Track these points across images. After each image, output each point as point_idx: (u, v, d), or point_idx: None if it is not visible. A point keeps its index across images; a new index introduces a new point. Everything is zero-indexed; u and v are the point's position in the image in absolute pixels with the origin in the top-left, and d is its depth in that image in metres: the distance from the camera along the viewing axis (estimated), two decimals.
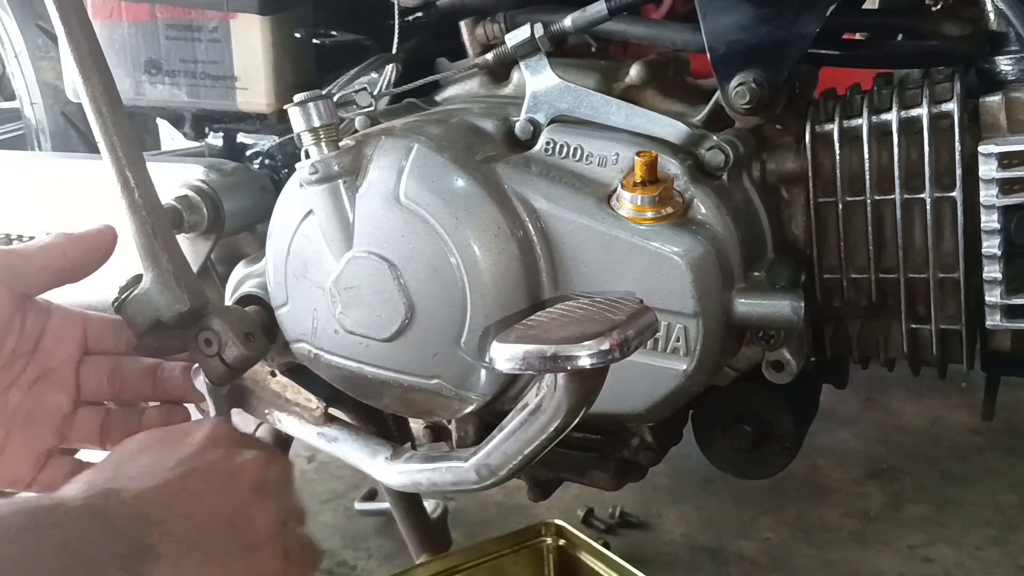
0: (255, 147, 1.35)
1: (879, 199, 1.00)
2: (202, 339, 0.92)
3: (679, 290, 0.92)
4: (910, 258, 1.00)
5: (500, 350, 0.73)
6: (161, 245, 0.87)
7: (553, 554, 1.35)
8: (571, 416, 0.78)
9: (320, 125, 0.97)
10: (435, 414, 1.06)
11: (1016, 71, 0.97)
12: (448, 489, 0.99)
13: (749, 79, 0.97)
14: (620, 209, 0.94)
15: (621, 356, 0.71)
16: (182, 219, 1.17)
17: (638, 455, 1.18)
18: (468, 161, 0.98)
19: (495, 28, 1.17)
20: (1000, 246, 0.93)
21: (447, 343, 0.98)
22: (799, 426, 1.18)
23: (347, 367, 1.04)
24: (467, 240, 0.95)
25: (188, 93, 1.32)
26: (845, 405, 2.19)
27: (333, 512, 1.92)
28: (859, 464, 1.99)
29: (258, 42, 1.25)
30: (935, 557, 1.68)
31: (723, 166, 0.98)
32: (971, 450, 2.02)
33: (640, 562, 1.35)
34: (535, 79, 1.04)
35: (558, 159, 1.00)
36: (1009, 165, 0.91)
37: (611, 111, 1.02)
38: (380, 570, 1.72)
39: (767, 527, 1.79)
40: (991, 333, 1.01)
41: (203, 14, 1.27)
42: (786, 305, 0.94)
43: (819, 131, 1.01)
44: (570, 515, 1.77)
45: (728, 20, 0.99)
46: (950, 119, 0.95)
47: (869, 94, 1.02)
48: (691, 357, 0.93)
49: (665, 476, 1.91)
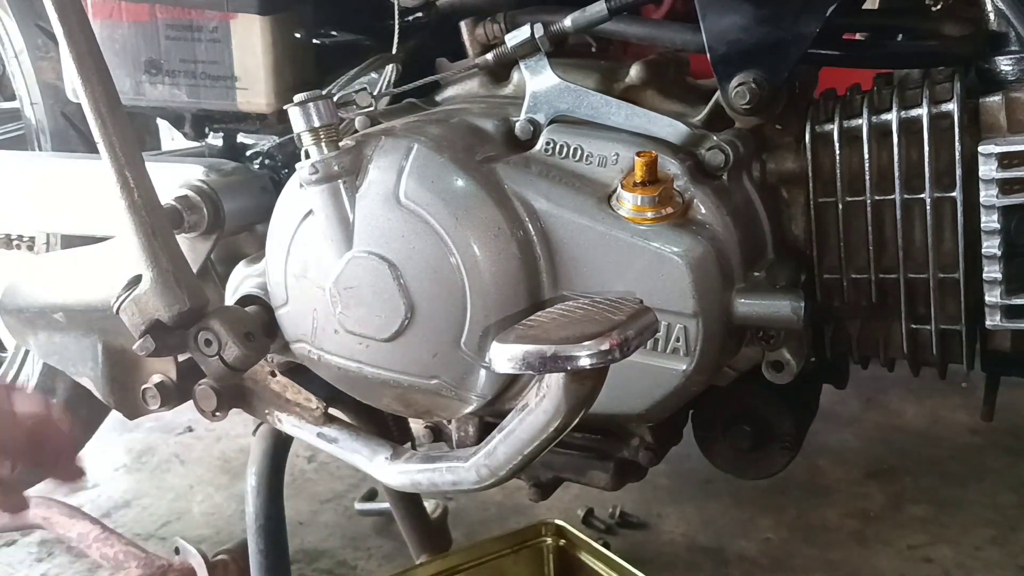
0: (255, 147, 1.35)
1: (879, 199, 0.99)
2: (202, 339, 0.93)
3: (679, 290, 0.92)
4: (910, 258, 1.00)
5: (500, 350, 0.73)
6: (160, 245, 0.87)
7: (553, 554, 1.35)
8: (571, 416, 0.78)
9: (320, 125, 0.97)
10: (435, 414, 1.06)
11: (1016, 71, 0.97)
12: (448, 489, 0.99)
13: (749, 79, 0.97)
14: (620, 209, 0.94)
15: (621, 356, 0.71)
16: (182, 219, 1.17)
17: (638, 455, 1.18)
18: (468, 161, 0.98)
19: (495, 28, 1.17)
20: (1000, 246, 0.93)
21: (447, 343, 0.98)
22: (799, 426, 1.18)
23: (347, 367, 1.04)
24: (467, 240, 0.95)
25: (188, 93, 1.32)
26: (845, 405, 2.19)
27: (333, 512, 1.91)
28: (859, 464, 1.99)
29: (258, 42, 1.25)
30: (935, 557, 1.68)
31: (723, 166, 0.98)
32: (971, 450, 2.02)
33: (640, 562, 1.35)
34: (535, 79, 1.04)
35: (558, 159, 1.00)
36: (1009, 165, 0.91)
37: (611, 111, 1.02)
38: (380, 570, 1.72)
39: (767, 527, 1.79)
40: (991, 333, 1.01)
41: (203, 14, 1.27)
42: (786, 305, 0.94)
43: (819, 131, 1.01)
44: (570, 515, 1.77)
45: (728, 20, 0.99)
46: (950, 119, 0.95)
47: (869, 94, 1.02)
48: (691, 357, 0.93)
49: (665, 476, 1.91)
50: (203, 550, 1.48)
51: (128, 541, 1.61)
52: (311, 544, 1.80)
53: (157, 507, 1.91)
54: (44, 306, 1.34)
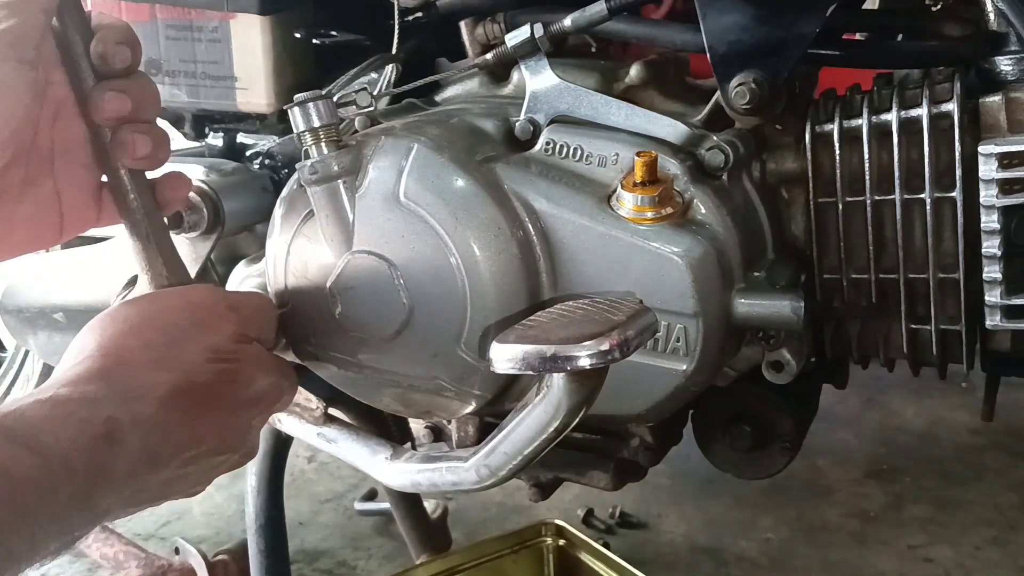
0: (255, 147, 1.35)
1: (879, 199, 0.99)
2: None
3: (679, 290, 0.92)
4: (910, 258, 1.00)
5: (500, 351, 0.73)
6: (156, 248, 0.87)
7: (553, 554, 1.35)
8: (571, 416, 0.78)
9: (320, 125, 0.96)
10: (435, 414, 1.06)
11: (1016, 71, 0.97)
12: (448, 489, 0.99)
13: (749, 79, 0.97)
14: (620, 209, 0.94)
15: (621, 356, 0.71)
16: (182, 219, 1.17)
17: (638, 455, 1.18)
18: (468, 161, 0.98)
19: (495, 28, 1.17)
20: (1000, 246, 0.93)
21: (447, 343, 0.97)
22: (799, 426, 1.18)
23: (347, 367, 1.04)
24: (467, 240, 0.95)
25: (188, 93, 1.32)
26: (845, 405, 2.19)
27: (333, 512, 1.92)
28: (859, 464, 2.00)
29: (258, 42, 1.25)
30: (935, 557, 1.68)
31: (723, 166, 0.98)
32: (971, 450, 2.02)
33: (640, 562, 1.35)
34: (535, 79, 1.04)
35: (558, 159, 1.00)
36: (1009, 165, 0.91)
37: (611, 111, 1.02)
38: (380, 570, 1.72)
39: (767, 527, 1.79)
40: (991, 333, 1.01)
41: (203, 14, 1.27)
42: (786, 305, 0.94)
43: (819, 131, 1.01)
44: (570, 515, 1.78)
45: (728, 20, 0.99)
46: (950, 119, 0.95)
47: (869, 94, 1.02)
48: (691, 357, 0.93)
49: (665, 476, 1.92)
50: (203, 550, 1.49)
51: (128, 541, 1.61)
52: (311, 544, 1.80)
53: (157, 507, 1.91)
54: (44, 306, 1.34)
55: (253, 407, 0.80)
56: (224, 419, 0.77)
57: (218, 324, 0.79)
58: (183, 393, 0.73)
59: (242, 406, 0.79)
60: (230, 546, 1.53)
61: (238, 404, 0.78)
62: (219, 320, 0.79)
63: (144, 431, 0.69)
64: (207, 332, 0.77)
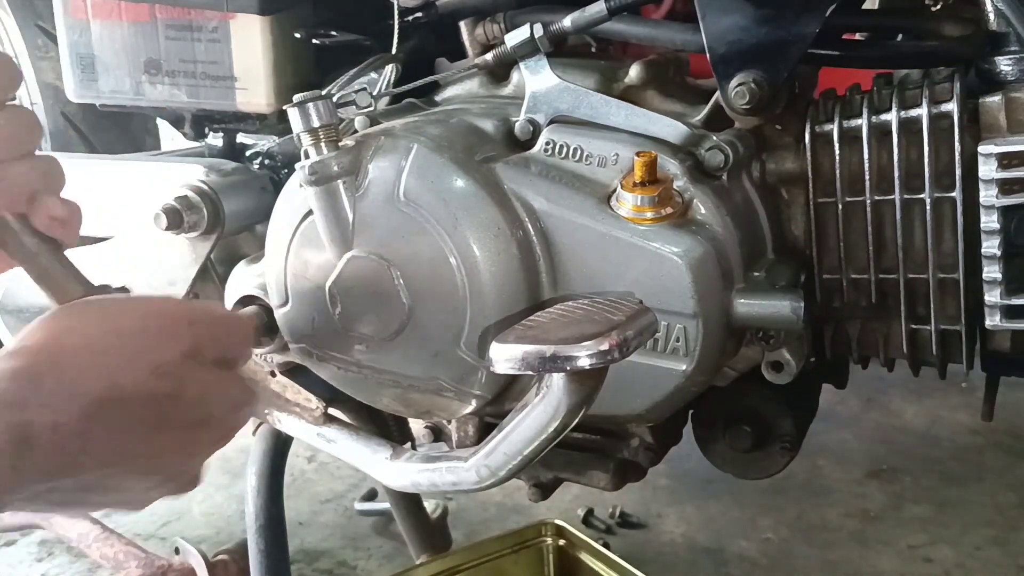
0: (255, 147, 1.35)
1: (879, 199, 0.99)
2: None
3: (679, 290, 0.92)
4: (910, 258, 1.00)
5: (499, 351, 0.73)
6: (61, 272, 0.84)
7: (553, 554, 1.35)
8: (571, 416, 0.78)
9: (320, 125, 0.96)
10: (435, 414, 1.06)
11: (1016, 71, 0.97)
12: (448, 489, 0.99)
13: (749, 79, 0.97)
14: (620, 209, 0.94)
15: (620, 356, 0.71)
16: (182, 219, 1.17)
17: (638, 455, 1.18)
18: (468, 161, 0.98)
19: (495, 28, 1.17)
20: (1000, 246, 0.93)
21: (447, 343, 0.97)
22: (799, 426, 1.18)
23: (347, 367, 1.04)
24: (467, 240, 0.95)
25: (188, 93, 1.32)
26: (845, 405, 2.19)
27: (333, 512, 1.92)
28: (859, 464, 1.99)
29: (258, 42, 1.25)
30: (935, 557, 1.68)
31: (723, 166, 0.98)
32: (971, 450, 2.02)
33: (640, 562, 1.35)
34: (535, 79, 1.04)
35: (558, 159, 1.00)
36: (1009, 165, 0.91)
37: (611, 111, 1.02)
38: (380, 570, 1.72)
39: (767, 527, 1.79)
40: (991, 333, 1.01)
41: (203, 14, 1.27)
42: (786, 305, 0.94)
43: (819, 131, 1.01)
44: (570, 515, 1.77)
45: (728, 20, 0.99)
46: (950, 119, 0.95)
47: (869, 94, 1.02)
48: (691, 357, 0.93)
49: (665, 476, 1.92)
50: (203, 550, 1.48)
51: (128, 541, 1.61)
52: (311, 544, 1.80)
53: (157, 507, 1.90)
54: (44, 306, 1.33)
55: (196, 432, 0.75)
56: (159, 440, 0.72)
57: (171, 339, 0.73)
58: (112, 405, 0.68)
59: (182, 429, 0.73)
60: (230, 546, 1.53)
61: (178, 427, 0.73)
62: (173, 335, 0.73)
63: (61, 438, 0.65)
64: (157, 345, 0.72)
